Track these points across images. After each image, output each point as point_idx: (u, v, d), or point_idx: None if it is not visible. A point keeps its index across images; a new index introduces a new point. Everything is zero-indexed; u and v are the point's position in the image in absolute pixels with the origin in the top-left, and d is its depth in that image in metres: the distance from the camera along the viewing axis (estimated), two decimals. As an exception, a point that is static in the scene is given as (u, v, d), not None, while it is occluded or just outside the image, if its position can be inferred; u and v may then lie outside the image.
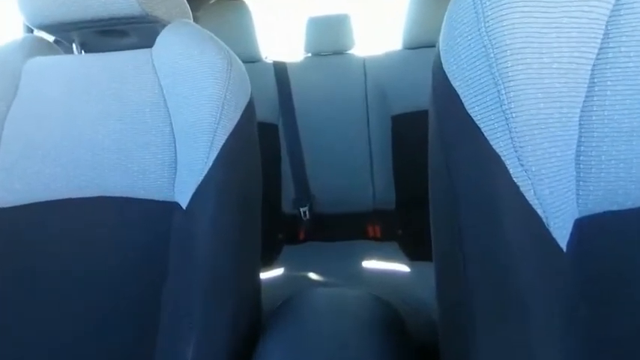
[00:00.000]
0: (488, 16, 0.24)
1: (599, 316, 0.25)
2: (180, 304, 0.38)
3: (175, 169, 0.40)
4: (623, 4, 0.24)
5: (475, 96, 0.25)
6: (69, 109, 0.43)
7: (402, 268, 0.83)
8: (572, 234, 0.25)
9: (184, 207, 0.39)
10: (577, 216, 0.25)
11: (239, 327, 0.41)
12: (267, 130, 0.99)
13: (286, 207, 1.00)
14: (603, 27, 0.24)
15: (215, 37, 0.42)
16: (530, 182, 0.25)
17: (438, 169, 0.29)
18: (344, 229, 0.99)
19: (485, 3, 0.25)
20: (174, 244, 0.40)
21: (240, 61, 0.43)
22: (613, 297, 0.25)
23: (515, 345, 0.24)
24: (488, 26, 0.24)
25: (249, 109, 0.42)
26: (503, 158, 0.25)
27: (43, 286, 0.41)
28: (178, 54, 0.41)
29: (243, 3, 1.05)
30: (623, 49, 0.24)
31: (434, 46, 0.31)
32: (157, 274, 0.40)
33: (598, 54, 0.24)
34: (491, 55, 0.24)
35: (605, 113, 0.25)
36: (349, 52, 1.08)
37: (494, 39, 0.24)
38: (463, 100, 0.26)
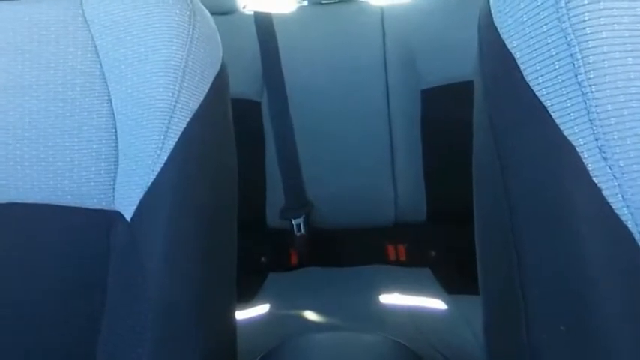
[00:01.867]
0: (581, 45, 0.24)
1: None
2: (122, 358, 0.38)
3: (116, 165, 0.40)
4: None
5: (540, 62, 0.26)
6: None
7: (435, 303, 0.83)
8: None
9: (128, 218, 0.39)
10: None
11: None
12: (246, 111, 0.99)
13: (272, 219, 1.00)
14: None
15: None
16: (616, 183, 0.25)
17: (487, 165, 0.30)
18: (354, 249, 0.99)
19: None
20: (115, 270, 0.40)
21: (207, 12, 0.43)
22: None
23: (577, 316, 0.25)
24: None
25: (220, 81, 0.42)
26: (578, 149, 0.25)
27: None
28: (120, 2, 0.41)
29: None
30: None
31: None
32: (89, 315, 0.39)
33: None
34: (562, 3, 0.24)
35: None
36: None
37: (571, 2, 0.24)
38: (522, 67, 0.26)
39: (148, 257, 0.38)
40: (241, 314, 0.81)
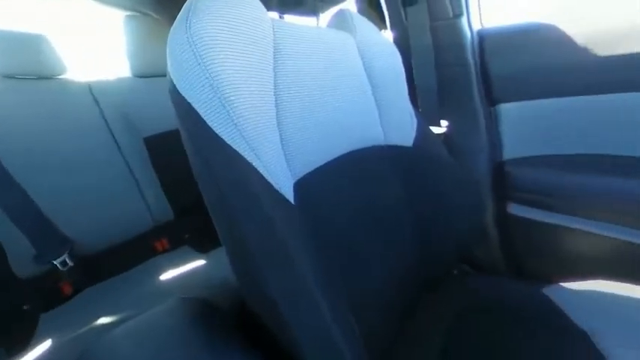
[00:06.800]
0: (203, 56, 0.25)
1: (322, 247, 0.31)
2: None
3: None
4: (278, 59, 0.31)
5: (213, 115, 0.25)
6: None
7: (199, 263, 0.73)
8: (294, 194, 0.30)
9: None
10: (293, 181, 0.31)
11: None
12: None
13: (22, 269, 0.61)
14: (272, 70, 0.30)
15: None
16: (264, 167, 0.28)
17: (203, 175, 0.27)
18: (128, 256, 0.74)
19: (197, 44, 0.25)
20: None
21: None
22: (327, 233, 0.32)
23: (284, 269, 0.27)
24: (206, 64, 0.25)
25: None
26: (244, 155, 0.26)
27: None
28: None
29: None
30: (287, 82, 0.32)
31: (164, 75, 0.27)
32: None
33: (275, 85, 0.30)
34: (215, 85, 0.25)
35: (289, 120, 0.32)
36: (62, 76, 0.75)
37: (213, 73, 0.25)
38: (205, 119, 0.25)
39: None
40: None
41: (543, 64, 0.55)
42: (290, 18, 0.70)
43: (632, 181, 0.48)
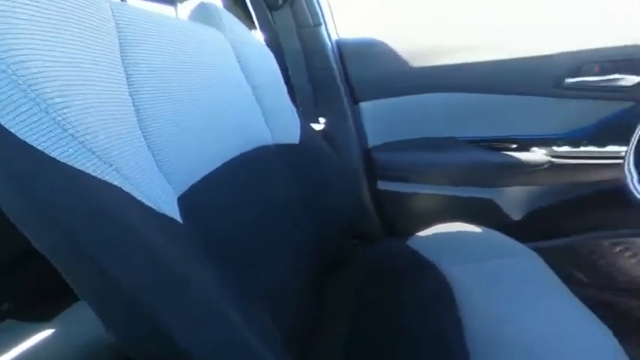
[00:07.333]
0: (10, 61, 0.17)
1: (221, 258, 0.28)
2: None
3: None
4: (127, 51, 0.26)
5: (40, 134, 0.18)
6: None
7: (41, 336, 0.50)
8: (180, 209, 0.26)
9: None
10: (176, 196, 0.26)
11: None
12: None
13: None
14: (122, 64, 0.25)
15: None
16: (132, 186, 0.22)
17: (32, 211, 0.19)
18: None
19: None
20: None
21: None
22: (226, 242, 0.29)
23: (178, 293, 0.22)
24: (17, 70, 0.17)
25: None
26: (103, 177, 0.20)
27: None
28: None
29: None
30: (143, 80, 0.27)
31: None
32: None
33: (129, 84, 0.25)
34: (22, 82, 0.18)
35: (156, 125, 0.26)
36: None
37: (15, 64, 0.18)
38: (19, 134, 0.18)
39: None
40: None
41: (386, 71, 0.71)
42: (137, 5, 0.58)
43: (453, 154, 0.69)
